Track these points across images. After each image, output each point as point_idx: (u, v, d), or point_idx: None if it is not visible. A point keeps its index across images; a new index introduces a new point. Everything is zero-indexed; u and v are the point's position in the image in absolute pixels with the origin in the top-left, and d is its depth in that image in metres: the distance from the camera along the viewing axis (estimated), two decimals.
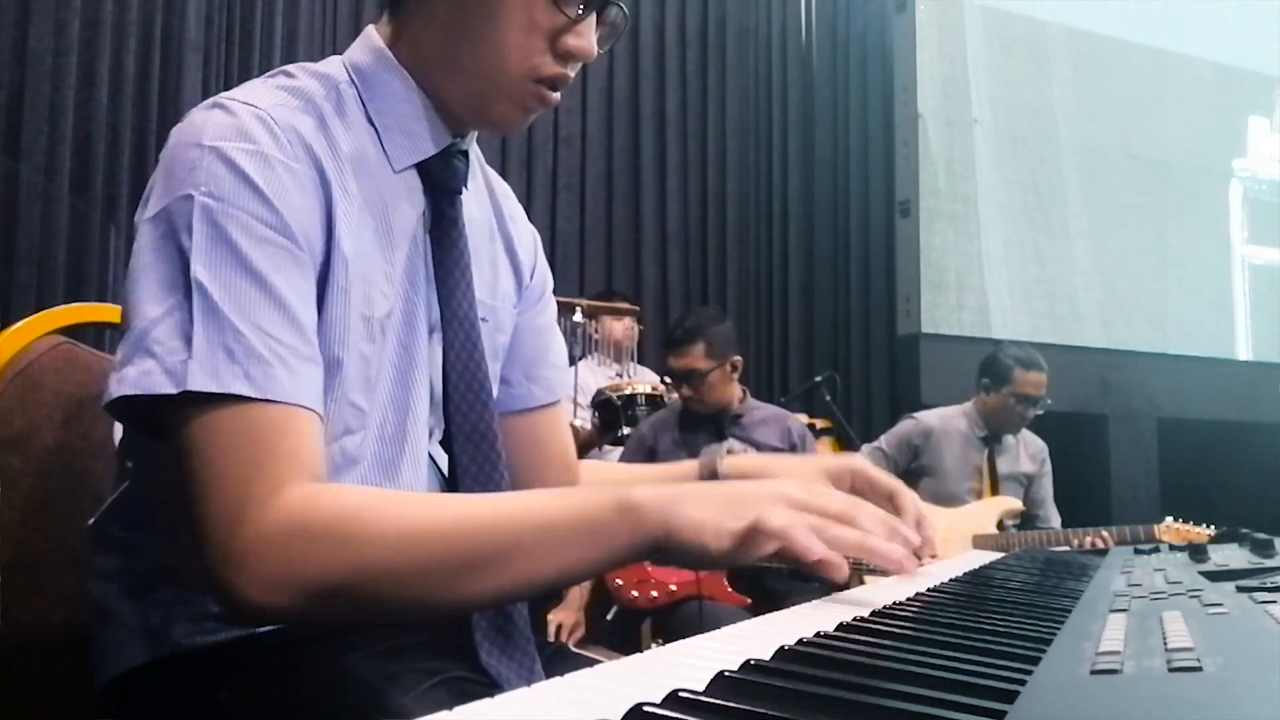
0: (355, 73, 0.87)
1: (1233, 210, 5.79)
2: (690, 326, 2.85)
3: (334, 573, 0.67)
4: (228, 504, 0.67)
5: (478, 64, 0.85)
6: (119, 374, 0.70)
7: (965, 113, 5.03)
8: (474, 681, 0.79)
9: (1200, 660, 0.37)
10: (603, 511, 0.69)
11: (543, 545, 0.69)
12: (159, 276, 0.71)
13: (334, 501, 0.70)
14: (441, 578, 0.68)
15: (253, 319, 0.70)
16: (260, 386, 0.69)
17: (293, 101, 0.81)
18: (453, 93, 0.88)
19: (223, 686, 0.78)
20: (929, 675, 0.40)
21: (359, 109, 0.86)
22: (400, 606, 0.70)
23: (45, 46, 3.39)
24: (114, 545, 0.85)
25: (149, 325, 0.70)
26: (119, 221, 3.49)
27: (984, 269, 4.98)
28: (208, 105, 0.79)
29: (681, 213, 4.89)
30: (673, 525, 0.67)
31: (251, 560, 0.67)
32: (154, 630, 0.80)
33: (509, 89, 0.86)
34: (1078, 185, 5.29)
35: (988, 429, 3.33)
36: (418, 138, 0.88)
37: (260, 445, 0.68)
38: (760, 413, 2.93)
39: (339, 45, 4.12)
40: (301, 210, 0.76)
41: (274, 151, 0.76)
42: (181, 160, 0.75)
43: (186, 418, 0.69)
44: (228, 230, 0.72)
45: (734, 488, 0.71)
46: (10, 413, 0.95)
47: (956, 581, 0.79)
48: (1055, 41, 5.33)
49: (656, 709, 0.34)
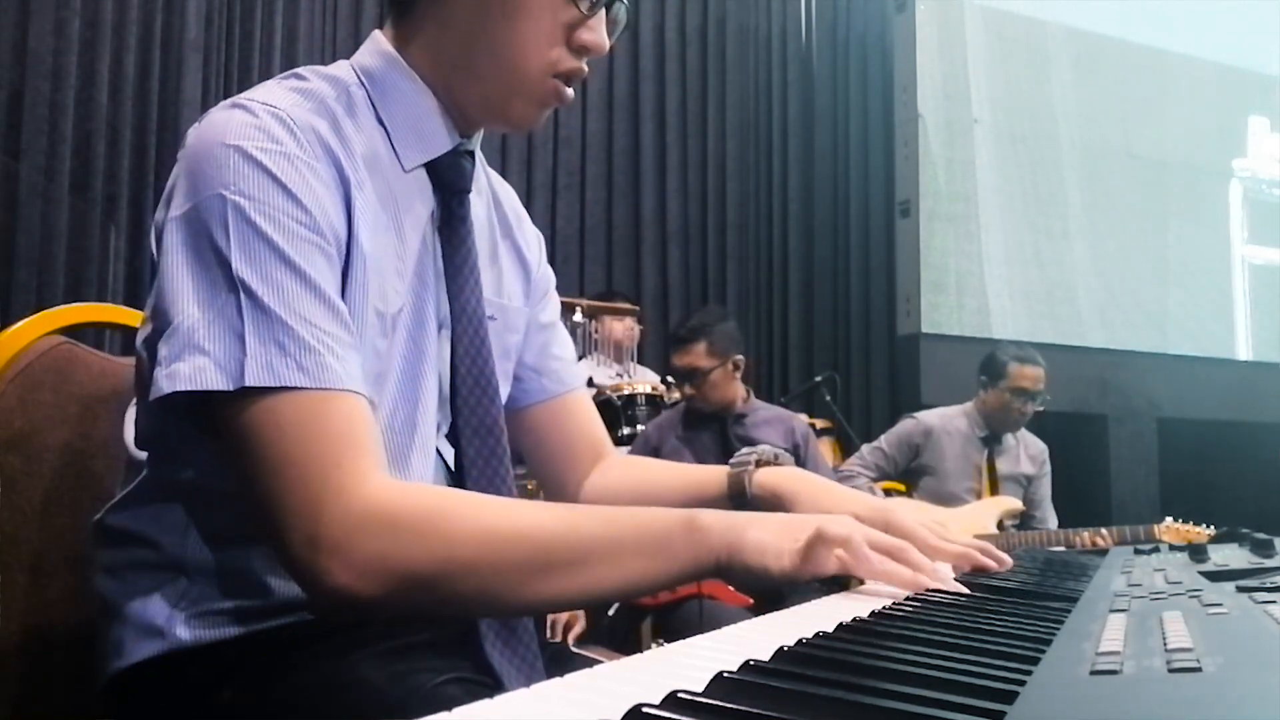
0: (364, 75, 0.89)
1: (1233, 210, 5.79)
2: (693, 325, 2.86)
3: (421, 565, 0.70)
4: (311, 492, 0.69)
5: (497, 64, 0.87)
6: (168, 370, 0.71)
7: (965, 113, 5.03)
8: (476, 681, 0.80)
9: (1200, 660, 0.37)
10: (670, 529, 0.74)
11: (612, 556, 0.73)
12: (197, 274, 0.73)
13: (422, 497, 0.73)
14: (516, 578, 0.71)
15: (298, 312, 0.72)
16: (315, 376, 0.71)
17: (307, 103, 0.82)
18: (469, 94, 0.89)
19: (226, 684, 0.78)
20: (928, 676, 0.40)
21: (369, 110, 0.87)
22: (475, 602, 0.74)
23: (45, 46, 3.39)
24: (122, 539, 0.85)
25: (195, 324, 0.71)
26: (119, 221, 3.49)
27: (984, 269, 4.98)
28: (227, 105, 0.80)
29: (681, 213, 4.89)
30: (736, 547, 0.73)
31: (344, 546, 0.69)
32: (158, 627, 0.81)
33: (528, 86, 0.88)
34: (1078, 185, 5.29)
35: (988, 428, 3.33)
36: (427, 138, 0.89)
37: (330, 433, 0.71)
38: (764, 413, 2.93)
39: (339, 45, 4.12)
40: (327, 207, 0.78)
41: (296, 151, 0.77)
42: (207, 159, 0.76)
43: (246, 413, 0.70)
44: (263, 227, 0.73)
45: (794, 517, 0.77)
46: (10, 413, 0.95)
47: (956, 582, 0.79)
48: (1055, 41, 5.33)
49: (656, 710, 0.34)
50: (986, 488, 3.32)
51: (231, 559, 0.81)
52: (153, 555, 0.83)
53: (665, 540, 0.74)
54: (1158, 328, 5.40)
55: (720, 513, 0.76)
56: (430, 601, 0.72)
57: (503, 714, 0.36)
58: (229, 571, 0.81)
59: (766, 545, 0.73)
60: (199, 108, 3.67)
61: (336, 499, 0.69)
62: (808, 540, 0.73)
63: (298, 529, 0.69)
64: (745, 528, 0.74)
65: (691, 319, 2.95)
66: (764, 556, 0.73)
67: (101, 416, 1.02)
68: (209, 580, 0.81)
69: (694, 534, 0.73)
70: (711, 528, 0.74)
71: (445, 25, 0.88)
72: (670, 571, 0.74)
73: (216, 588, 0.81)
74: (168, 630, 0.80)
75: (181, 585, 0.81)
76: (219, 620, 0.80)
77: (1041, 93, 5.27)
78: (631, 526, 0.74)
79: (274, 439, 0.70)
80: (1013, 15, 5.25)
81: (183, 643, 0.80)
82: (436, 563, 0.70)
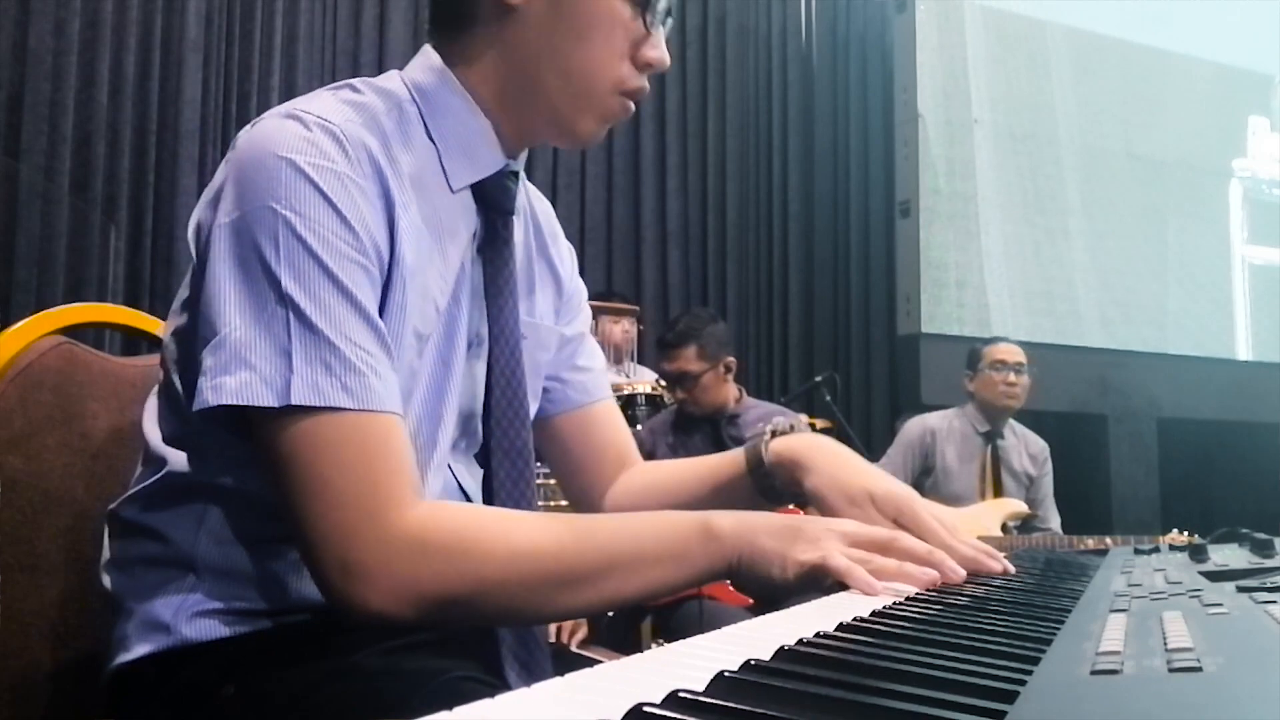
0: (417, 91, 0.88)
1: (1233, 210, 5.79)
2: (681, 330, 2.85)
3: (454, 586, 0.72)
4: (346, 516, 0.71)
5: (568, 83, 0.88)
6: (214, 381, 0.72)
7: (965, 113, 5.04)
8: (480, 681, 0.80)
9: (1200, 660, 0.37)
10: (687, 537, 0.77)
11: (633, 565, 0.76)
12: (245, 287, 0.73)
13: (453, 520, 0.75)
14: (545, 592, 0.75)
15: (344, 332, 0.73)
16: (359, 398, 0.73)
17: (359, 117, 0.82)
18: (534, 113, 0.90)
19: (229, 680, 0.79)
20: (929, 675, 0.40)
21: (420, 127, 0.87)
22: (503, 617, 0.78)
23: (45, 46, 3.39)
24: (133, 532, 0.85)
25: (242, 337, 0.72)
26: (119, 221, 3.49)
27: (984, 269, 4.98)
28: (282, 114, 0.80)
29: (681, 213, 4.89)
30: (746, 554, 0.76)
31: (376, 571, 0.71)
32: (163, 623, 0.81)
33: (597, 104, 0.89)
34: (1078, 185, 5.29)
35: (987, 422, 3.34)
36: (477, 158, 0.89)
37: (368, 456, 0.72)
38: (756, 411, 2.93)
39: (339, 45, 4.12)
40: (372, 227, 0.78)
41: (346, 169, 0.78)
42: (259, 168, 0.76)
43: (288, 430, 0.72)
44: (311, 245, 0.74)
45: (801, 522, 0.79)
46: (10, 413, 0.95)
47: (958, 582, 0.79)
48: (1055, 41, 5.33)
49: (657, 709, 0.34)
50: (990, 487, 3.33)
51: (243, 560, 0.82)
52: (163, 552, 0.83)
53: (682, 547, 0.77)
54: (1158, 328, 5.40)
55: (734, 516, 0.79)
56: (461, 618, 0.75)
57: (503, 714, 0.36)
58: (239, 572, 0.81)
59: (772, 554, 0.76)
60: (199, 108, 3.67)
61: (370, 524, 0.71)
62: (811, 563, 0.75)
63: (332, 553, 0.71)
64: (757, 534, 0.77)
65: (679, 323, 2.93)
66: (770, 565, 0.76)
67: (101, 416, 1.02)
68: (218, 580, 0.81)
69: (709, 540, 0.77)
70: (725, 534, 0.77)
71: (509, 46, 0.88)
72: (687, 577, 0.77)
73: (225, 588, 0.81)
74: (173, 627, 0.81)
75: (189, 583, 0.81)
76: (225, 619, 0.81)
77: (1041, 93, 5.27)
78: (650, 536, 0.77)
79: (314, 459, 0.71)
80: (1013, 15, 5.25)
81: (186, 640, 0.80)
82: (468, 584, 0.72)
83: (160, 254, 3.59)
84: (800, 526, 0.78)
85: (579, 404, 1.08)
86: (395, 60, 4.13)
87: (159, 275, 3.58)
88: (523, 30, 0.87)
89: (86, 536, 0.98)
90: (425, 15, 0.97)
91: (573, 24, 0.87)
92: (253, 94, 3.83)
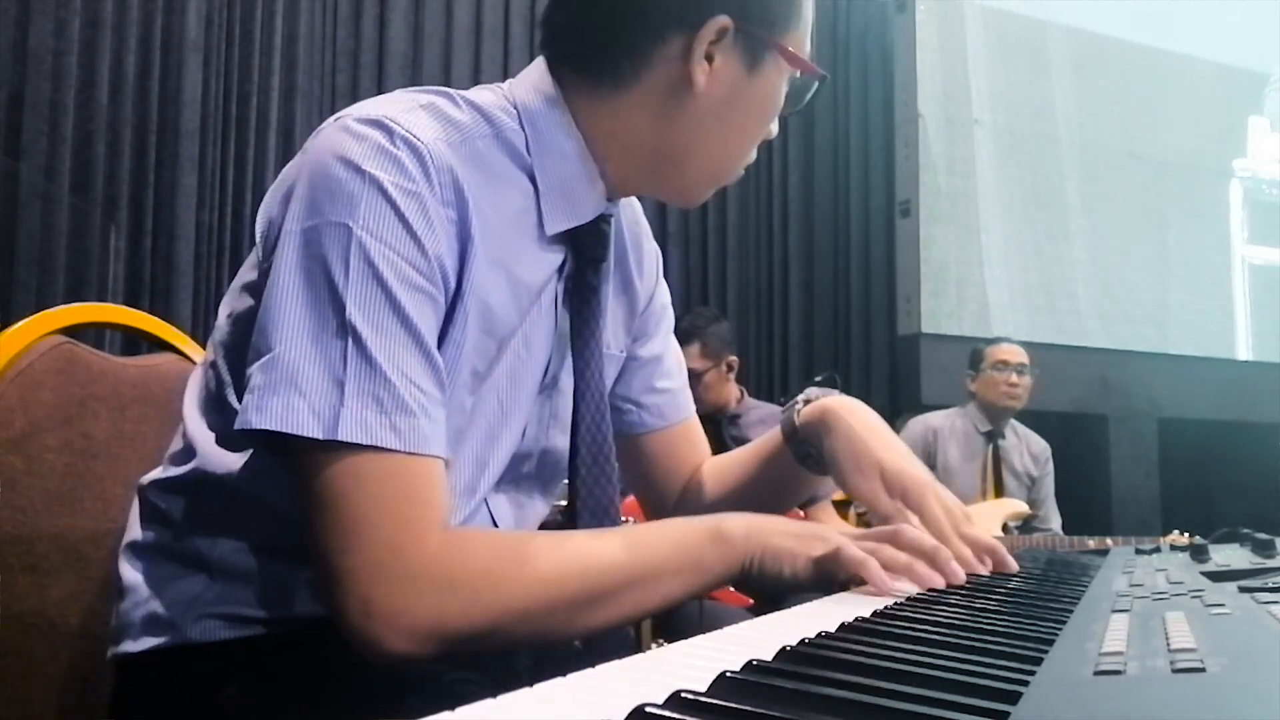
0: (526, 119, 0.84)
1: (1233, 210, 5.78)
2: (685, 328, 2.85)
3: (477, 621, 0.71)
4: (372, 556, 0.69)
5: (713, 164, 0.89)
6: (259, 401, 0.69)
7: (965, 113, 5.03)
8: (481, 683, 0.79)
9: (1203, 661, 0.37)
10: (700, 544, 0.78)
11: (652, 579, 0.76)
12: (308, 305, 0.71)
13: (474, 553, 0.73)
14: (566, 615, 0.74)
15: (401, 367, 0.71)
16: (406, 440, 0.70)
17: (453, 136, 0.78)
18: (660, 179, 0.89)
19: (231, 681, 0.78)
20: (932, 676, 0.40)
21: (521, 160, 0.83)
22: (527, 641, 0.78)
23: (45, 46, 3.38)
24: (155, 519, 0.84)
25: (297, 359, 0.70)
26: (119, 221, 3.48)
27: (984, 269, 4.98)
28: (369, 121, 0.76)
29: (681, 213, 4.88)
30: (758, 555, 0.77)
31: (399, 614, 0.69)
32: (169, 620, 0.80)
33: (727, 179, 0.91)
34: (1078, 185, 5.29)
35: (988, 422, 3.35)
36: (578, 204, 0.85)
37: (404, 498, 0.70)
38: (758, 412, 2.93)
39: (339, 45, 4.12)
40: (444, 256, 0.76)
41: (426, 192, 0.74)
42: (337, 179, 0.73)
43: (329, 462, 0.69)
44: (383, 273, 0.71)
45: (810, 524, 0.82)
46: (10, 413, 0.95)
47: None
48: (1055, 41, 5.33)
49: (660, 709, 0.34)
50: (991, 486, 3.33)
51: (259, 569, 0.81)
52: (180, 547, 0.82)
53: (697, 556, 0.77)
54: (1158, 328, 5.39)
55: (744, 519, 0.79)
56: (484, 648, 0.74)
57: (504, 714, 0.35)
58: (252, 580, 0.80)
59: (784, 552, 0.77)
60: (199, 108, 3.66)
61: (395, 563, 0.69)
62: (824, 555, 0.76)
63: (355, 591, 0.69)
64: (768, 534, 0.78)
65: (682, 321, 2.94)
66: (781, 563, 0.77)
67: (102, 416, 1.02)
68: (231, 584, 0.80)
69: (723, 546, 0.77)
70: (737, 537, 0.77)
71: (665, 120, 0.84)
72: (705, 583, 0.78)
73: (237, 593, 0.80)
74: (178, 625, 0.80)
75: (201, 583, 0.81)
76: (230, 623, 0.80)
77: (1041, 93, 5.27)
78: (665, 548, 0.77)
79: (349, 496, 0.69)
80: (1013, 15, 5.25)
81: (189, 639, 0.80)
82: (492, 618, 0.71)
83: (160, 254, 3.58)
84: (810, 526, 0.80)
85: (654, 429, 1.06)
86: (395, 60, 4.13)
87: (159, 275, 3.57)
88: (689, 110, 0.84)
89: (86, 536, 0.98)
90: (425, 15, 0.95)
91: (744, 114, 0.87)
92: (253, 94, 3.83)
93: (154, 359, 1.13)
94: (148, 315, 1.18)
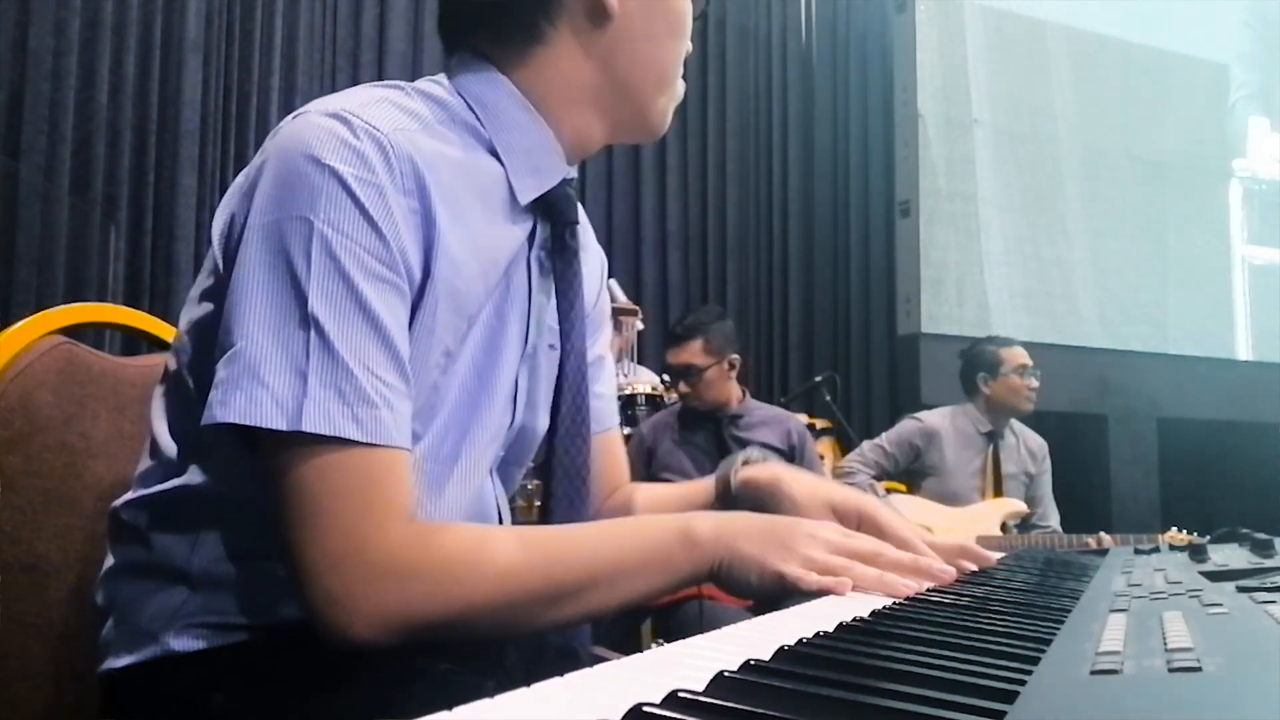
0: (476, 104, 0.86)
1: (1233, 210, 5.79)
2: (690, 323, 2.87)
3: (440, 613, 0.71)
4: (333, 546, 0.70)
5: (658, 79, 0.91)
6: (223, 396, 0.70)
7: (965, 113, 5.04)
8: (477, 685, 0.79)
9: (1200, 660, 0.37)
10: (668, 544, 0.77)
11: (618, 576, 0.76)
12: (271, 299, 0.71)
13: (439, 545, 0.73)
14: (530, 610, 0.74)
15: (363, 359, 0.72)
16: (368, 430, 0.71)
17: (412, 125, 0.80)
18: (620, 114, 0.91)
19: (218, 690, 0.78)
20: (929, 675, 0.40)
21: (480, 136, 0.85)
22: (490, 635, 0.77)
23: (45, 46, 3.39)
24: (130, 537, 0.84)
25: (260, 352, 0.70)
26: (119, 221, 3.49)
27: (984, 269, 4.98)
28: (329, 113, 0.76)
29: (681, 213, 4.89)
30: (725, 560, 0.77)
31: (359, 602, 0.70)
32: (151, 633, 0.80)
33: (675, 90, 0.93)
34: (1078, 185, 5.29)
35: (992, 423, 3.34)
36: (544, 172, 0.88)
37: (366, 488, 0.71)
38: (760, 413, 2.93)
39: (339, 45, 4.12)
40: (408, 246, 0.76)
41: (389, 183, 0.75)
42: (299, 173, 0.73)
43: (292, 453, 0.70)
44: (345, 265, 0.72)
45: (780, 526, 0.79)
46: (10, 413, 0.95)
47: (956, 581, 0.79)
48: (1055, 41, 5.33)
49: (656, 709, 0.34)
50: (990, 485, 3.33)
51: (237, 576, 0.80)
52: (158, 563, 0.82)
53: (665, 555, 0.77)
54: (1158, 328, 5.40)
55: (714, 520, 0.79)
56: (447, 639, 0.74)
57: (503, 714, 0.36)
58: (232, 587, 0.80)
59: (750, 559, 0.76)
60: (199, 108, 3.67)
61: (357, 553, 0.70)
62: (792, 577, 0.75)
63: (318, 581, 0.70)
64: (737, 538, 0.77)
65: (688, 317, 2.96)
66: (748, 571, 0.76)
67: (101, 416, 1.02)
68: (210, 594, 0.80)
69: (691, 547, 0.77)
70: (705, 539, 0.77)
71: (598, 54, 0.87)
72: (670, 583, 0.78)
73: (217, 602, 0.80)
74: (159, 637, 0.80)
75: (181, 596, 0.80)
76: (213, 632, 0.80)
77: (1041, 93, 5.27)
78: (632, 545, 0.77)
79: (312, 485, 0.70)
80: (1013, 15, 5.25)
81: (172, 651, 0.79)
82: (454, 610, 0.72)
83: (160, 254, 3.58)
84: (781, 531, 0.78)
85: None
86: (395, 60, 4.13)
87: (159, 275, 3.58)
88: (616, 38, 0.87)
89: (86, 536, 0.98)
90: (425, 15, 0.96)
91: (666, 23, 0.89)
92: (253, 94, 3.83)
93: (154, 359, 1.13)
94: (147, 315, 1.18)
